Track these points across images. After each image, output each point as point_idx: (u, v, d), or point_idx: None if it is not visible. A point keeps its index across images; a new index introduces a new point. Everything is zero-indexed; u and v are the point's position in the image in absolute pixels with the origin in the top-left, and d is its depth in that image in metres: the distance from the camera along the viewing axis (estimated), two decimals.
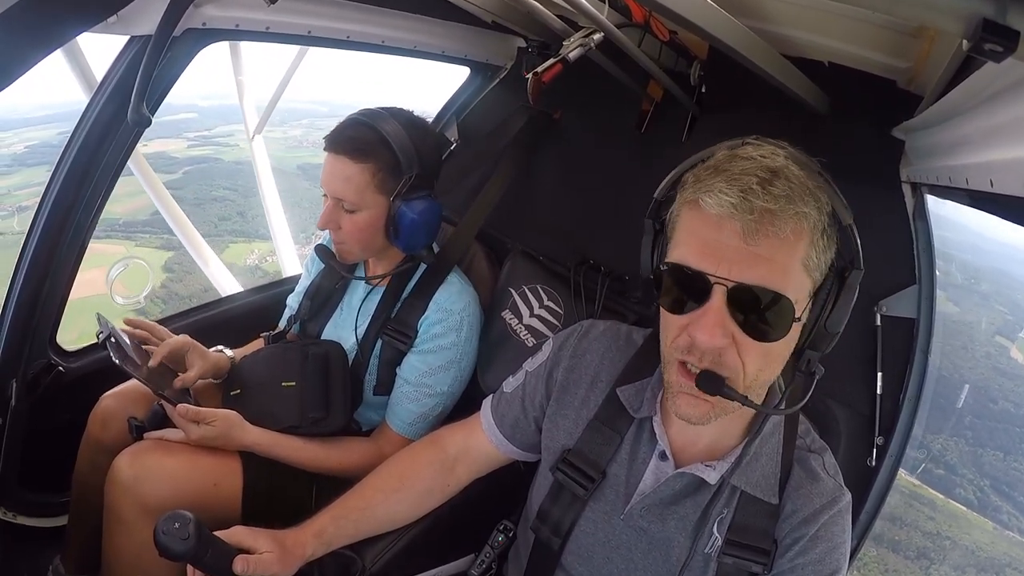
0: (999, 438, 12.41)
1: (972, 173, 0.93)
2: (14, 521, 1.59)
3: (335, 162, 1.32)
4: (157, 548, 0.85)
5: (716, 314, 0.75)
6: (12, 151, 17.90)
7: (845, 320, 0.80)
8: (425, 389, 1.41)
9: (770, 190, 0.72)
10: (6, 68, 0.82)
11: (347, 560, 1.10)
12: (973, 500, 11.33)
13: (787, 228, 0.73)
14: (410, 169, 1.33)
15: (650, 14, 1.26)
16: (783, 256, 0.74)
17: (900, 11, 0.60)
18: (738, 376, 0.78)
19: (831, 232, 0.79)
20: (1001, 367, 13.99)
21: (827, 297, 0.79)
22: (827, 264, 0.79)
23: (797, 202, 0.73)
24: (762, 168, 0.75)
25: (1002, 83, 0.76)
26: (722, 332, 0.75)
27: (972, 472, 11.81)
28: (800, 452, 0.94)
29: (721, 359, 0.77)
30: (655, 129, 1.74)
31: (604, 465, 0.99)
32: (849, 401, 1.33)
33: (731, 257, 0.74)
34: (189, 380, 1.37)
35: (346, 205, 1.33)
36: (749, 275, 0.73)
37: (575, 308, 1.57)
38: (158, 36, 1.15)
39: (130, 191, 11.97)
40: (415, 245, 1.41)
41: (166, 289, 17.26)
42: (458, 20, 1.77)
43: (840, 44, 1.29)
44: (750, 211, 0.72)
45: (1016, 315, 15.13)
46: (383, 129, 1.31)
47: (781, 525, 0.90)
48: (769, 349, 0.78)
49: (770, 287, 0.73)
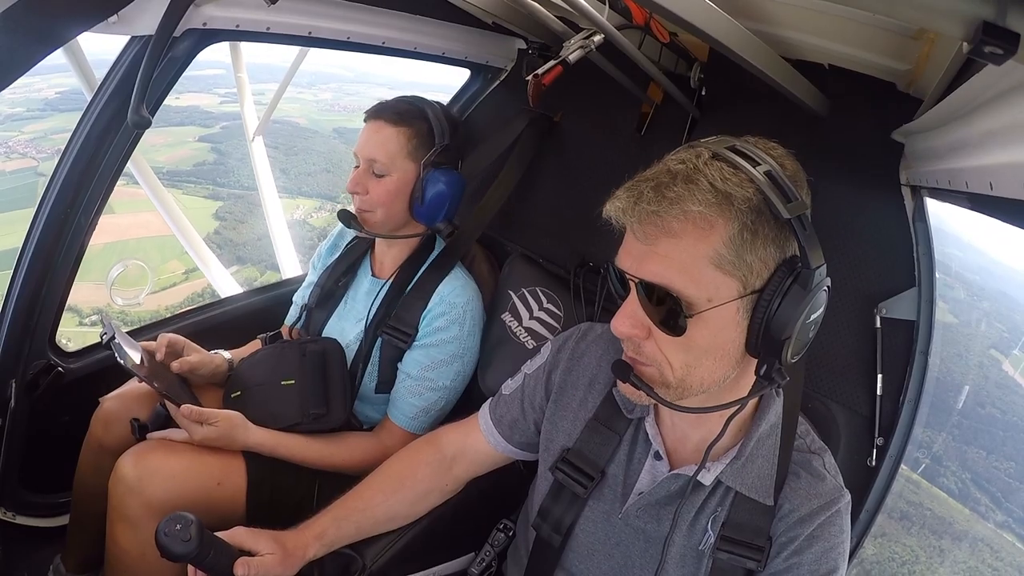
0: (983, 439, 13.36)
1: (972, 176, 0.93)
2: (14, 521, 1.59)
3: (373, 127, 1.42)
4: (159, 549, 0.86)
5: (630, 305, 0.81)
6: (43, 96, 18.49)
7: (795, 323, 0.75)
8: (427, 383, 1.42)
9: (662, 192, 0.75)
10: (7, 68, 0.82)
11: (347, 559, 1.11)
12: (954, 489, 12.27)
13: (675, 227, 0.75)
14: (442, 139, 1.42)
15: (650, 16, 1.26)
16: (680, 254, 0.76)
17: (900, 14, 0.60)
18: (664, 368, 0.81)
19: (762, 228, 0.75)
20: (992, 377, 15.07)
21: (771, 298, 0.76)
22: (766, 262, 0.76)
23: (687, 202, 0.74)
24: (664, 172, 0.78)
25: (1002, 86, 0.76)
26: (631, 323, 0.81)
27: (956, 465, 12.70)
28: (800, 453, 0.94)
29: (640, 349, 0.82)
30: (655, 132, 1.74)
31: (603, 465, 1.00)
32: (849, 402, 1.33)
33: (636, 255, 0.80)
34: (187, 363, 1.39)
35: (376, 168, 1.40)
36: (646, 271, 0.78)
37: (574, 310, 1.57)
38: (158, 36, 1.15)
39: (169, 142, 12.24)
40: (436, 216, 1.46)
41: (220, 236, 17.85)
42: (458, 21, 1.77)
43: (840, 47, 1.29)
44: (635, 214, 0.77)
45: (1012, 333, 16.13)
46: (422, 105, 1.45)
47: (777, 524, 0.90)
48: (687, 344, 0.79)
49: (662, 283, 0.77)
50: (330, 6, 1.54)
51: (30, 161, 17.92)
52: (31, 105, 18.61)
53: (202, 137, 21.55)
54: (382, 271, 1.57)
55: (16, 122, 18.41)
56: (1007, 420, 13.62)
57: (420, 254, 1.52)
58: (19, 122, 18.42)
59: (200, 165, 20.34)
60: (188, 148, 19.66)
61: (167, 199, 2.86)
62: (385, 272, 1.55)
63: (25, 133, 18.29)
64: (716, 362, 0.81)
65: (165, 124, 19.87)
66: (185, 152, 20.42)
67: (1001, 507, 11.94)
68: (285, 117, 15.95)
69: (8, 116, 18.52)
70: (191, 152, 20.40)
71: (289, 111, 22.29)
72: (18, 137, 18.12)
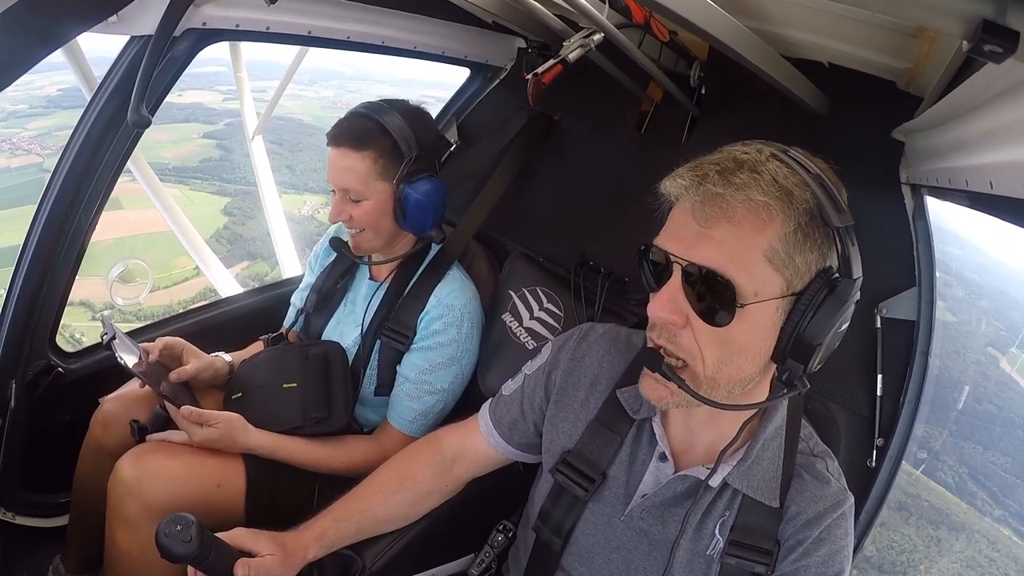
0: (979, 434, 13.59)
1: (972, 175, 0.93)
2: (14, 521, 1.59)
3: (337, 154, 1.37)
4: (159, 550, 0.85)
5: (670, 289, 0.78)
6: (46, 93, 18.50)
7: (827, 332, 0.76)
8: (425, 386, 1.42)
9: (728, 178, 0.74)
10: (7, 67, 0.82)
11: (347, 560, 1.10)
12: (951, 483, 12.46)
13: (738, 213, 0.74)
14: (409, 152, 1.37)
15: (650, 15, 1.26)
16: (736, 242, 0.75)
17: (900, 12, 0.61)
18: (696, 362, 0.80)
19: (813, 232, 0.76)
20: (989, 374, 15.30)
21: (809, 304, 0.76)
22: (809, 266, 0.77)
23: (753, 189, 0.74)
24: (729, 159, 0.77)
25: (1002, 84, 0.76)
26: (672, 307, 0.78)
27: (953, 460, 12.93)
28: (803, 456, 0.94)
29: (676, 339, 0.80)
30: (655, 130, 1.74)
31: (604, 467, 0.99)
32: (849, 403, 1.33)
33: (688, 238, 0.77)
34: (186, 373, 1.39)
35: (352, 195, 1.38)
36: (698, 255, 0.76)
37: (575, 311, 1.57)
38: (158, 36, 1.15)
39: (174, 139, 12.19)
40: (424, 225, 1.44)
41: (229, 231, 17.98)
42: (458, 20, 1.77)
43: (840, 45, 1.29)
44: (699, 193, 0.75)
45: (1010, 331, 16.41)
46: (380, 118, 1.36)
47: (785, 527, 0.90)
48: (725, 338, 0.77)
49: (715, 268, 0.75)
50: (330, 6, 1.54)
51: (34, 158, 17.95)
52: (34, 102, 18.67)
53: (206, 134, 21.60)
54: (379, 274, 1.57)
55: (19, 119, 18.48)
56: (1004, 416, 13.84)
57: (416, 256, 1.52)
58: (22, 119, 18.49)
59: (206, 161, 20.43)
60: (193, 145, 19.67)
61: (167, 197, 2.86)
62: (382, 275, 1.55)
63: (29, 130, 18.36)
64: (747, 361, 0.81)
65: (169, 121, 19.93)
66: (190, 148, 20.51)
67: (998, 502, 12.17)
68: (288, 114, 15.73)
69: (11, 113, 18.58)
70: (196, 148, 20.45)
71: (292, 108, 22.35)
72: (22, 134, 18.19)
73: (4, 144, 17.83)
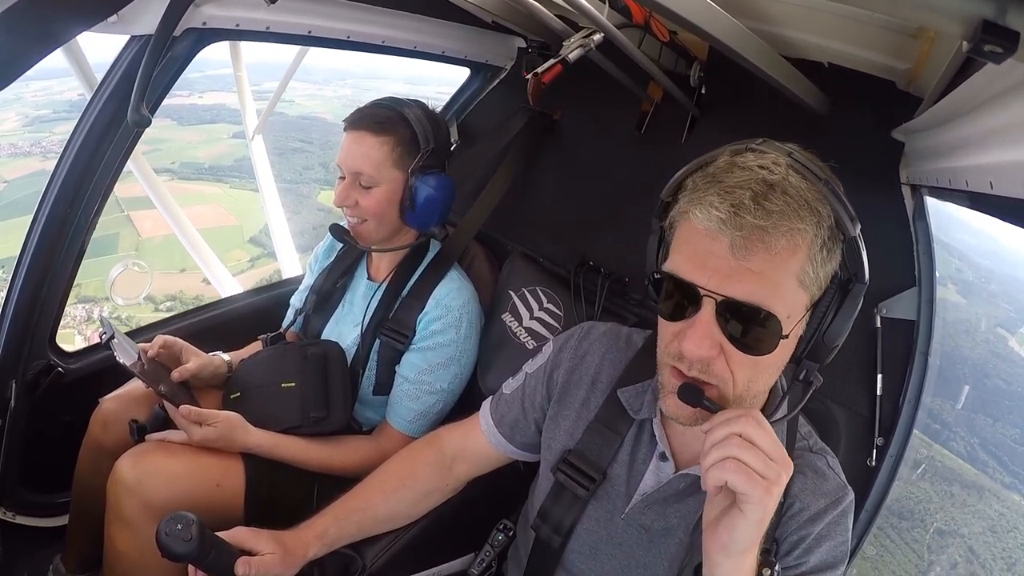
0: (989, 407, 14.19)
1: (972, 175, 0.93)
2: (14, 521, 1.59)
3: (354, 138, 1.38)
4: (159, 549, 0.85)
5: (703, 326, 0.74)
6: (66, 98, 18.42)
7: (845, 333, 0.78)
8: (425, 386, 1.42)
9: (764, 205, 0.70)
10: (7, 67, 0.82)
11: (347, 559, 1.10)
12: (963, 452, 13.04)
13: (779, 244, 0.71)
14: (427, 144, 1.39)
15: (650, 15, 1.26)
16: (774, 271, 0.72)
17: (900, 12, 0.61)
18: (727, 385, 0.78)
19: (832, 245, 0.75)
20: (998, 351, 15.93)
21: (827, 310, 0.78)
22: (827, 277, 0.77)
23: (792, 217, 0.71)
24: (758, 181, 0.72)
25: (1002, 85, 0.76)
26: (709, 344, 0.75)
27: (964, 431, 13.48)
28: (804, 453, 0.94)
29: (709, 369, 0.77)
30: (655, 130, 1.74)
31: (604, 466, 0.99)
32: (849, 402, 1.33)
33: (721, 270, 0.72)
34: (187, 371, 1.39)
35: (363, 180, 1.38)
36: (737, 290, 0.72)
37: (575, 310, 1.57)
38: (158, 36, 1.15)
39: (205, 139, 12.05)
40: (429, 221, 1.44)
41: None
42: (458, 20, 1.77)
43: (840, 45, 1.29)
44: (739, 228, 0.70)
45: (1019, 313, 17.06)
46: (402, 109, 1.40)
47: (787, 523, 0.90)
48: (758, 361, 0.77)
49: (757, 303, 0.72)
50: (330, 5, 1.54)
51: None
52: (56, 107, 18.66)
53: (236, 134, 21.59)
54: (378, 274, 1.57)
55: (45, 123, 18.49)
56: (1012, 391, 14.53)
57: (415, 256, 1.52)
58: (48, 123, 18.50)
59: (241, 160, 20.49)
60: (225, 144, 19.77)
61: (167, 198, 2.87)
62: (381, 275, 1.55)
63: (56, 134, 18.35)
64: (773, 374, 0.82)
65: (197, 122, 19.90)
66: (223, 148, 20.45)
67: (1008, 470, 12.79)
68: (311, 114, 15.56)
69: (36, 118, 18.61)
70: (228, 148, 20.45)
71: (313, 108, 22.35)
72: (50, 138, 18.18)
73: (35, 148, 17.85)
